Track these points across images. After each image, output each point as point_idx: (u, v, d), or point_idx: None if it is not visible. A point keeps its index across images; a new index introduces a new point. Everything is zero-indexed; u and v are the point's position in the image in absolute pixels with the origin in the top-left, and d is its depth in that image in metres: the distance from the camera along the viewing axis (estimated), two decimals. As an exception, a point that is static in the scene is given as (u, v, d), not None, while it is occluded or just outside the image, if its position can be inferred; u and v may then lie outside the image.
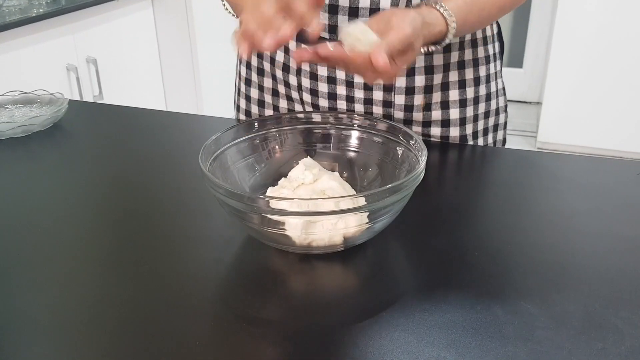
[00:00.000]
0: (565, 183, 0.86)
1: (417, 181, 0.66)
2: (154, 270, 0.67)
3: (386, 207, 0.64)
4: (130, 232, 0.75)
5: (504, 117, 1.06)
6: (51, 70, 2.36)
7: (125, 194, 0.86)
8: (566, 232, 0.73)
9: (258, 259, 0.69)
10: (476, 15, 0.82)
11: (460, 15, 0.78)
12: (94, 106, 1.34)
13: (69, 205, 0.82)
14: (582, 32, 3.00)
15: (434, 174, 0.88)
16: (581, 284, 0.63)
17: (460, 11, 0.78)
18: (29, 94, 1.15)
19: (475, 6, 0.81)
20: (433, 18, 0.75)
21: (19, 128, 1.02)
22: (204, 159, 0.69)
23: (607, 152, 3.18)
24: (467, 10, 0.80)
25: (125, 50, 2.76)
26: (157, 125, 1.10)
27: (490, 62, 0.99)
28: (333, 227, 0.64)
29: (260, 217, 0.64)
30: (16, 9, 2.33)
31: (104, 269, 0.68)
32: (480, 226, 0.76)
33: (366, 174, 0.79)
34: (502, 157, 0.98)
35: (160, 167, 0.93)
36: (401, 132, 0.76)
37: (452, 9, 0.77)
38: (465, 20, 0.79)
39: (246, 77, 1.06)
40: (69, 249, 0.72)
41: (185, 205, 0.81)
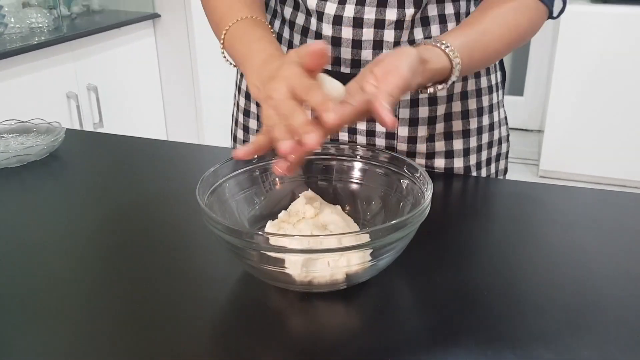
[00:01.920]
0: (573, 217, 0.83)
1: (423, 216, 0.63)
2: (146, 308, 0.64)
3: (391, 244, 0.61)
4: (123, 267, 0.72)
5: (506, 147, 1.04)
6: (51, 98, 2.36)
7: (119, 226, 0.83)
8: (578, 270, 0.70)
9: (256, 298, 0.66)
10: (482, 52, 0.79)
11: (465, 52, 0.74)
12: (91, 135, 1.32)
13: (62, 237, 0.80)
14: (582, 60, 3.00)
15: (438, 206, 0.85)
16: (596, 326, 0.60)
17: (464, 48, 0.75)
18: (25, 123, 1.13)
19: (479, 43, 0.78)
20: (432, 55, 0.72)
21: (14, 158, 1.00)
22: (201, 192, 0.67)
23: (610, 181, 3.16)
24: (471, 47, 0.76)
25: (126, 77, 2.77)
26: (155, 155, 1.08)
27: (493, 92, 0.98)
28: (335, 265, 0.61)
29: (259, 254, 0.61)
30: (17, 37, 2.33)
31: (94, 305, 0.65)
32: (489, 263, 0.73)
33: (369, 207, 0.77)
34: (507, 189, 0.95)
35: (157, 198, 0.90)
36: (405, 164, 0.74)
37: (456, 46, 0.74)
38: (471, 58, 0.76)
39: (245, 107, 1.04)
40: (61, 282, 0.69)
41: (181, 238, 0.78)
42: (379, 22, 0.85)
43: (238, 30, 0.80)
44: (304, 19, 0.90)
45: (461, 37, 0.76)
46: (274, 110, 0.62)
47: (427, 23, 0.88)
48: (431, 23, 0.88)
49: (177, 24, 2.86)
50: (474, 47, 0.77)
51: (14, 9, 2.47)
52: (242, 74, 1.04)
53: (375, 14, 0.85)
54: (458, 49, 0.73)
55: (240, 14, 0.81)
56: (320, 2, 0.86)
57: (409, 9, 0.85)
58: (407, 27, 0.87)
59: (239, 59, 0.79)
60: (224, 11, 0.83)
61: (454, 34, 0.77)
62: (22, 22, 2.40)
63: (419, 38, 0.88)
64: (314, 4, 0.87)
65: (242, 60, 0.78)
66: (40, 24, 2.45)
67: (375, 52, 0.87)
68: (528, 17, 0.82)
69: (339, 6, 0.85)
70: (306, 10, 0.89)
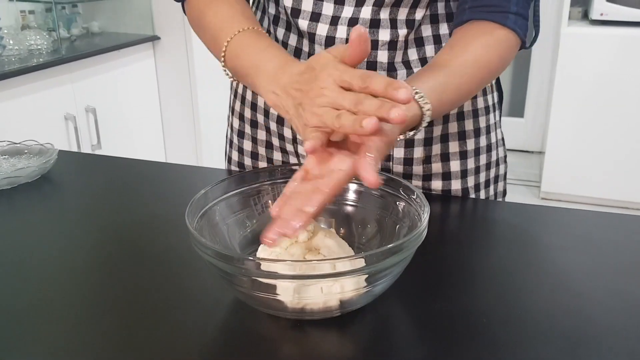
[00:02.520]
0: (574, 240, 0.81)
1: (420, 240, 0.61)
2: (134, 335, 0.62)
3: (387, 269, 0.59)
4: (112, 294, 0.70)
5: (503, 168, 1.03)
6: (50, 119, 2.36)
7: (110, 250, 0.81)
8: (580, 295, 0.68)
9: (247, 325, 0.63)
10: (453, 93, 0.76)
11: (434, 96, 0.71)
12: (84, 157, 1.31)
13: (51, 260, 0.78)
14: (582, 82, 3.00)
15: (435, 229, 0.83)
16: (599, 353, 0.58)
17: (433, 92, 0.71)
18: (18, 145, 1.11)
19: (450, 85, 0.75)
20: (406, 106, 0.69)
21: (4, 180, 0.98)
22: (190, 216, 0.65)
23: (612, 203, 3.14)
24: (441, 90, 0.73)
25: (125, 100, 2.77)
26: (149, 177, 1.06)
27: (490, 113, 0.96)
28: (328, 291, 0.59)
29: (250, 280, 0.59)
30: (16, 58, 2.33)
31: (83, 330, 0.63)
32: (488, 288, 0.70)
33: (364, 230, 0.75)
34: (506, 212, 0.93)
35: (149, 221, 0.88)
36: (401, 186, 0.72)
37: (424, 91, 0.70)
38: (441, 101, 0.73)
39: (239, 129, 1.03)
40: (51, 305, 0.68)
41: (172, 263, 0.76)
42: (372, 43, 0.84)
43: (241, 42, 0.77)
44: (296, 40, 0.89)
45: (430, 81, 0.73)
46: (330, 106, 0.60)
47: (421, 44, 0.87)
48: (425, 44, 0.87)
49: (177, 46, 2.86)
50: (444, 90, 0.74)
51: (13, 30, 2.48)
52: (235, 95, 1.03)
53: (368, 34, 0.84)
54: (427, 94, 0.70)
55: (240, 25, 0.78)
56: (312, 24, 0.85)
57: (402, 30, 0.84)
58: (401, 48, 0.86)
59: (247, 69, 0.75)
60: (221, 25, 0.81)
61: (424, 77, 0.74)
62: (20, 44, 2.41)
63: (413, 58, 0.87)
64: (305, 25, 0.85)
65: (251, 71, 0.74)
66: (39, 46, 2.45)
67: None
68: (498, 52, 0.79)
69: (331, 27, 0.84)
70: (298, 32, 0.88)
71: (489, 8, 0.79)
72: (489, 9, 0.79)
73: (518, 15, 0.79)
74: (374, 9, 0.83)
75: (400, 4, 0.83)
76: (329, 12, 0.84)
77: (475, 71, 0.77)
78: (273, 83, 0.69)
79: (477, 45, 0.78)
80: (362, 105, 0.58)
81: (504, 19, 0.78)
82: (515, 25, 0.78)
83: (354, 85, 0.59)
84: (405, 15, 0.84)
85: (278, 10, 0.91)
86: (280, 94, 0.67)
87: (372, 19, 0.83)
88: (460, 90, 0.77)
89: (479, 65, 0.77)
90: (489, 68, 0.78)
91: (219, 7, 0.83)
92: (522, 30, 0.79)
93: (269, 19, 0.94)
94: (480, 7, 0.79)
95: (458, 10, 0.83)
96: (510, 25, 0.78)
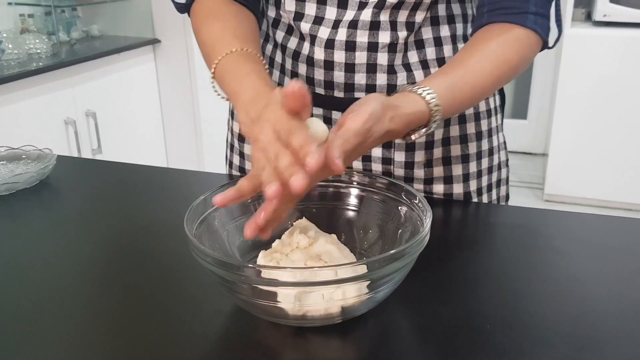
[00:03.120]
0: (578, 244, 0.80)
1: (423, 245, 0.61)
2: (134, 342, 0.61)
3: (389, 275, 0.58)
4: (111, 301, 0.69)
5: (505, 172, 1.02)
6: (50, 124, 2.35)
7: (109, 256, 0.80)
8: (584, 300, 0.67)
9: (247, 332, 0.62)
10: (467, 91, 0.74)
11: (446, 93, 0.70)
12: (83, 162, 1.30)
13: (49, 266, 0.77)
14: (585, 83, 2.99)
15: (438, 234, 0.82)
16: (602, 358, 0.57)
17: (444, 89, 0.70)
18: (16, 150, 1.11)
19: (464, 82, 0.74)
20: (405, 100, 0.68)
21: (2, 186, 0.97)
22: (189, 222, 0.64)
23: (616, 204, 3.13)
24: (455, 87, 0.72)
25: (126, 103, 2.76)
26: (148, 182, 1.06)
27: (492, 116, 0.95)
28: (330, 298, 0.58)
29: (250, 287, 0.58)
30: (15, 63, 2.33)
31: (82, 337, 0.62)
32: (491, 294, 0.69)
33: (366, 236, 0.74)
34: (509, 216, 0.92)
35: (148, 227, 0.88)
36: (403, 191, 0.71)
37: (436, 89, 0.69)
38: (454, 98, 0.72)
39: (239, 132, 1.02)
40: (49, 311, 0.67)
41: (172, 269, 0.75)
42: (372, 45, 0.83)
43: (228, 65, 0.77)
44: (297, 43, 0.88)
45: (443, 78, 0.72)
46: (262, 152, 0.60)
47: (421, 46, 0.86)
48: (426, 46, 0.86)
49: (177, 49, 2.85)
50: (458, 88, 0.73)
51: (12, 34, 2.47)
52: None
53: (368, 37, 0.83)
54: (438, 91, 0.69)
55: (230, 46, 0.77)
56: (314, 26, 0.84)
57: (402, 32, 0.83)
58: (401, 50, 0.85)
59: (230, 94, 0.76)
60: (213, 45, 0.80)
61: (436, 76, 0.73)
62: (20, 48, 2.40)
63: (413, 61, 0.86)
64: (308, 28, 0.85)
65: (232, 97, 0.75)
66: (39, 50, 2.45)
67: (369, 75, 0.85)
68: (518, 50, 0.77)
69: (332, 30, 0.84)
70: (299, 35, 0.87)
71: (508, 10, 0.78)
72: (507, 11, 0.78)
73: (538, 15, 0.77)
74: (374, 11, 0.82)
75: (401, 6, 0.82)
76: (332, 16, 0.84)
77: (492, 69, 0.75)
78: (245, 115, 0.68)
79: (495, 43, 0.77)
80: (277, 162, 0.58)
81: (524, 20, 0.77)
82: (535, 24, 0.77)
83: (281, 135, 0.59)
84: (406, 17, 0.83)
85: (279, 14, 0.90)
86: (249, 125, 0.66)
87: (372, 21, 0.82)
88: (474, 88, 0.75)
89: (497, 62, 0.76)
90: (509, 65, 0.77)
91: (213, 24, 0.83)
92: (542, 29, 0.78)
93: (267, 21, 0.93)
94: (499, 10, 0.78)
95: (476, 14, 0.82)
96: (530, 25, 0.77)
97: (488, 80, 0.76)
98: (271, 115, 0.60)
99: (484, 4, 0.80)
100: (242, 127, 0.69)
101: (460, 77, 0.74)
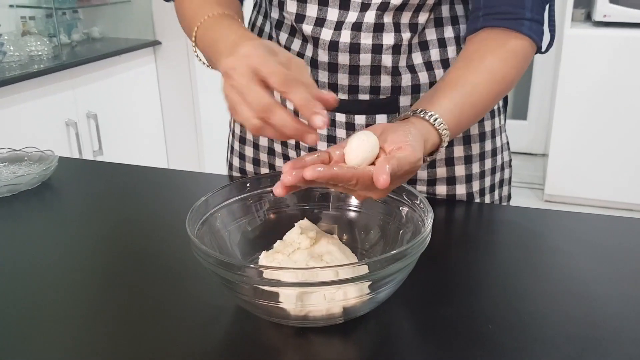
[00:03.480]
0: (580, 245, 0.80)
1: (424, 245, 0.61)
2: (135, 344, 0.61)
3: (390, 275, 0.58)
4: (113, 301, 0.69)
5: (508, 172, 1.02)
6: (51, 125, 2.35)
7: (110, 257, 0.80)
8: (585, 300, 0.67)
9: (249, 333, 0.62)
10: (471, 112, 0.75)
11: (452, 118, 0.71)
12: (84, 163, 1.30)
13: (52, 267, 0.77)
14: (585, 83, 3.00)
15: (439, 235, 0.82)
16: (605, 358, 0.57)
17: (450, 114, 0.71)
18: (18, 152, 1.11)
19: (467, 104, 0.74)
20: (427, 132, 0.68)
21: (4, 187, 0.97)
22: (191, 223, 0.64)
23: (616, 204, 3.13)
24: (458, 111, 0.72)
25: (126, 105, 2.76)
26: (149, 184, 1.06)
27: (495, 117, 0.95)
28: (331, 298, 0.58)
29: (252, 287, 0.58)
30: (17, 65, 2.33)
31: (84, 338, 0.62)
32: (493, 294, 0.70)
33: (367, 236, 0.74)
34: (511, 216, 0.92)
35: (149, 228, 0.88)
36: (405, 191, 0.71)
37: (443, 115, 0.70)
38: (459, 122, 0.73)
39: (241, 134, 1.02)
40: (52, 312, 0.67)
41: (174, 270, 0.75)
42: (376, 47, 0.83)
43: (208, 25, 0.76)
44: (300, 45, 0.88)
45: (446, 103, 0.72)
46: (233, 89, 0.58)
47: (425, 47, 0.86)
48: (430, 47, 0.86)
49: (178, 51, 2.86)
50: (461, 111, 0.73)
51: (14, 37, 2.48)
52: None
53: (372, 39, 0.83)
54: (444, 116, 0.70)
55: (212, 11, 0.77)
56: (316, 29, 0.84)
57: (406, 33, 0.84)
58: (405, 52, 0.85)
59: (209, 47, 0.74)
60: (195, 11, 0.80)
61: (440, 98, 0.72)
62: (21, 50, 2.40)
63: (418, 62, 0.86)
64: (310, 30, 0.85)
65: (212, 47, 0.73)
66: (40, 52, 2.45)
67: (374, 77, 0.85)
68: (515, 65, 0.78)
69: (335, 32, 0.84)
70: (302, 37, 0.87)
71: (504, 15, 0.78)
72: (503, 16, 0.78)
73: (533, 21, 0.77)
74: (378, 13, 0.82)
75: (404, 8, 0.82)
76: (334, 17, 0.84)
77: (492, 87, 0.76)
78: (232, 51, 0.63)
79: (492, 59, 0.77)
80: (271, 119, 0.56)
81: (519, 26, 0.77)
82: (531, 31, 0.77)
83: (271, 84, 0.57)
84: (409, 19, 0.83)
85: (282, 15, 0.90)
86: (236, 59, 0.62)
87: (376, 23, 0.82)
88: (476, 108, 0.76)
89: (496, 80, 0.76)
90: (506, 82, 0.77)
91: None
92: (537, 35, 0.78)
93: (271, 23, 0.93)
94: (494, 15, 0.78)
95: (471, 18, 0.82)
96: (525, 31, 0.77)
97: (489, 99, 0.77)
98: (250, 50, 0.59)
99: (480, 7, 0.80)
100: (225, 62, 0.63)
101: (462, 99, 0.73)
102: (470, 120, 0.78)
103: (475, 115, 0.77)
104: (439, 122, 0.69)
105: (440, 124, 0.69)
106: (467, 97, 0.74)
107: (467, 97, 0.74)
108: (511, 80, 0.78)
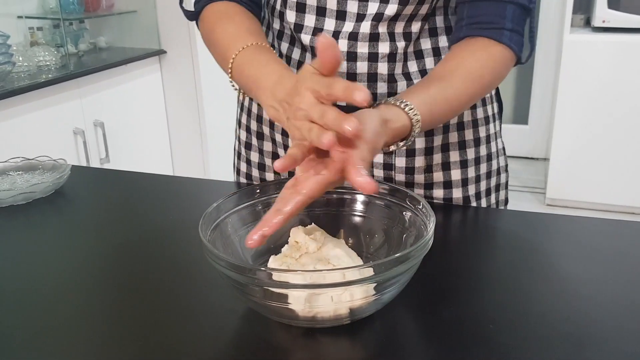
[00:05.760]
0: (579, 247, 0.82)
1: (427, 248, 0.63)
2: (148, 345, 0.63)
3: (395, 277, 0.61)
4: (127, 304, 0.72)
5: (505, 177, 1.04)
6: (59, 134, 2.38)
7: (124, 263, 0.83)
8: (585, 302, 0.69)
9: (259, 333, 0.65)
10: (444, 106, 0.78)
11: (425, 108, 0.74)
12: (96, 172, 1.33)
13: (67, 274, 0.79)
14: (586, 88, 3.01)
15: (440, 238, 0.84)
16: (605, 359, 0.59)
17: (424, 104, 0.74)
18: (31, 161, 1.14)
19: (441, 98, 0.77)
20: (392, 114, 0.71)
21: (20, 195, 1.00)
22: (204, 228, 0.67)
23: (618, 208, 3.14)
24: (432, 102, 0.75)
25: (133, 113, 2.79)
26: (160, 191, 1.08)
27: (490, 123, 0.98)
28: (338, 299, 0.61)
29: (262, 290, 0.61)
30: (25, 75, 2.36)
31: (99, 342, 0.64)
32: (494, 295, 0.72)
33: (372, 240, 0.76)
34: (510, 219, 0.95)
35: (162, 234, 0.90)
36: (407, 197, 0.73)
37: (416, 104, 0.73)
38: (432, 113, 0.75)
39: (246, 140, 1.05)
40: (67, 319, 0.69)
41: (185, 274, 0.78)
42: (372, 56, 0.87)
43: (245, 57, 0.81)
44: (300, 53, 0.92)
45: (422, 94, 0.75)
46: (306, 119, 0.62)
47: (420, 56, 0.89)
48: (425, 56, 0.90)
49: (183, 60, 2.89)
50: (435, 102, 0.76)
51: (22, 47, 2.51)
52: (241, 107, 1.05)
53: (368, 47, 0.86)
54: (418, 106, 0.73)
55: (245, 42, 0.82)
56: (314, 38, 0.88)
57: (400, 42, 0.87)
58: (401, 60, 0.88)
59: (251, 83, 0.79)
60: (229, 42, 0.84)
61: (416, 91, 0.76)
62: (30, 61, 2.44)
63: (413, 70, 0.89)
64: (308, 39, 0.88)
65: (253, 85, 0.78)
66: (48, 62, 2.48)
67: (370, 84, 0.88)
68: (491, 67, 0.81)
69: None
70: (302, 46, 0.91)
71: (485, 25, 0.81)
72: (485, 26, 0.81)
73: (513, 32, 0.81)
74: (373, 23, 0.85)
75: (397, 18, 0.85)
76: (331, 27, 0.87)
77: (467, 85, 0.79)
78: (271, 97, 0.72)
79: (471, 60, 0.81)
80: (325, 118, 0.60)
81: (500, 36, 0.81)
82: (511, 41, 0.81)
83: (322, 94, 0.62)
84: (402, 28, 0.87)
85: (283, 26, 0.94)
86: (278, 107, 0.70)
87: (372, 32, 0.86)
88: (451, 104, 0.79)
89: (471, 79, 0.80)
90: (481, 82, 0.81)
91: (227, 24, 0.87)
92: (517, 46, 0.82)
93: (273, 33, 0.97)
94: (476, 24, 0.82)
95: (455, 27, 0.85)
96: (505, 41, 0.81)
97: (464, 97, 0.80)
98: (309, 83, 0.63)
99: (463, 18, 0.84)
100: (269, 110, 0.72)
101: (437, 92, 0.77)
102: (444, 114, 0.80)
103: (450, 110, 0.80)
104: (410, 107, 0.72)
105: (411, 109, 0.72)
106: (442, 91, 0.77)
107: (442, 91, 0.77)
108: (488, 83, 0.81)
